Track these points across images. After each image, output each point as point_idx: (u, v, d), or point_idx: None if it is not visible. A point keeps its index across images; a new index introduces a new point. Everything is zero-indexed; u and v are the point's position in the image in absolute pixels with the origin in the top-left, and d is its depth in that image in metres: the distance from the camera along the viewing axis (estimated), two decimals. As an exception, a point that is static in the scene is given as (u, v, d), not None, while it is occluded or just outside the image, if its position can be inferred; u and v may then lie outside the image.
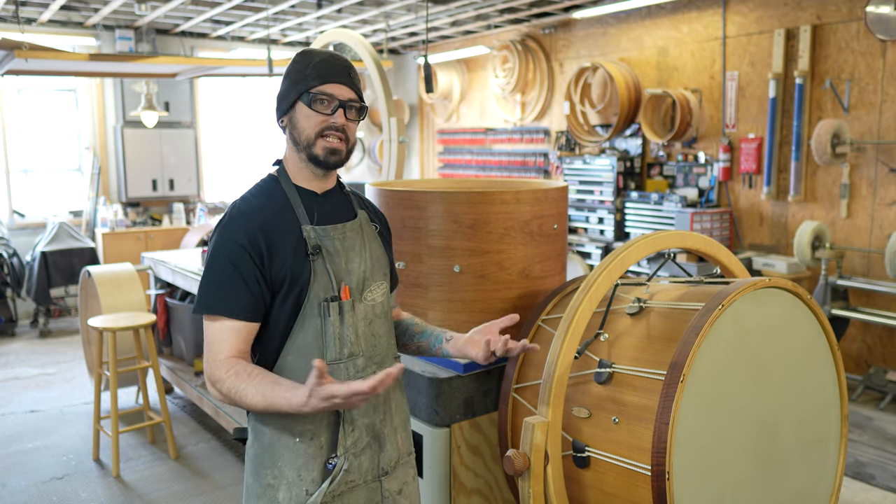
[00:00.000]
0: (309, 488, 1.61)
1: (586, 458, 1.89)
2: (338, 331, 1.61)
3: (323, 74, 1.61)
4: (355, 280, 1.66)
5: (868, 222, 4.93)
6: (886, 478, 3.60)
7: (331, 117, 1.62)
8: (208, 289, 1.58)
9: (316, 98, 1.60)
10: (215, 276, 1.57)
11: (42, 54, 5.12)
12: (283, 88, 1.66)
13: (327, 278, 1.61)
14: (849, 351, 5.11)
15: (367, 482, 1.67)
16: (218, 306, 1.56)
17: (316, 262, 1.60)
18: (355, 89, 1.66)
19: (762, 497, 1.92)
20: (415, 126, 9.22)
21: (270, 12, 6.43)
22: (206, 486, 3.65)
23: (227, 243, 1.57)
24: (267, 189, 1.67)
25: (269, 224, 1.59)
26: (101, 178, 7.50)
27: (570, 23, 7.00)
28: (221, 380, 1.53)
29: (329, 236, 1.64)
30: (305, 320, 1.60)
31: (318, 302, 1.59)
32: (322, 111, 1.61)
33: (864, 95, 4.88)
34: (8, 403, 4.84)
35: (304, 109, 1.62)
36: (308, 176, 1.68)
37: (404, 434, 1.80)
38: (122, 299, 4.40)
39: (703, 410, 1.76)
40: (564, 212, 2.58)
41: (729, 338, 1.82)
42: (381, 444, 1.70)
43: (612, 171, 6.21)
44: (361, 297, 1.67)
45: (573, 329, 1.89)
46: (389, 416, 1.74)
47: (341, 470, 1.61)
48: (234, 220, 1.60)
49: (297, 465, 1.61)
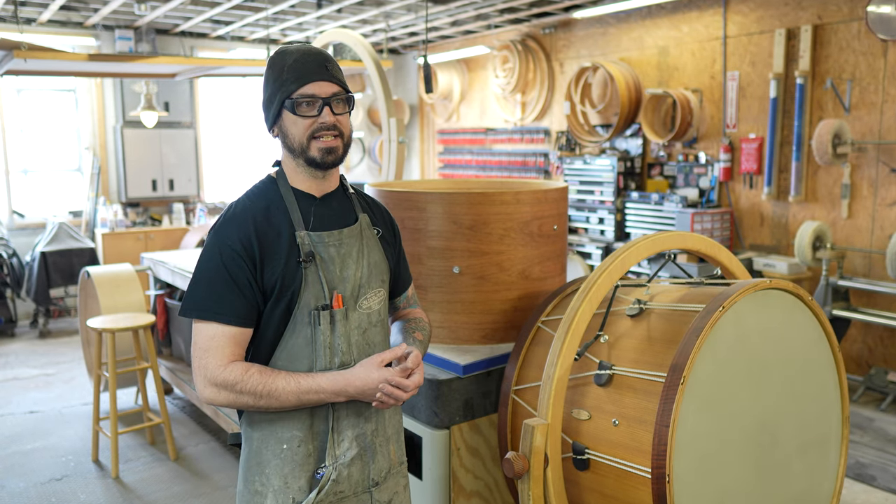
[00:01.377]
0: (296, 496, 1.58)
1: (586, 460, 1.88)
2: (328, 339, 1.58)
3: (300, 76, 1.55)
4: (350, 288, 1.62)
5: (869, 222, 4.92)
6: (888, 479, 3.59)
7: (318, 118, 1.57)
8: (200, 292, 1.54)
9: (298, 102, 1.55)
10: (208, 280, 1.54)
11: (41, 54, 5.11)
12: (266, 97, 1.61)
13: (319, 286, 1.57)
14: (850, 352, 5.10)
15: (356, 493, 1.64)
16: (211, 311, 1.53)
17: (308, 270, 1.56)
18: (337, 81, 1.59)
19: (763, 499, 1.91)
20: (415, 126, 9.21)
21: (270, 12, 6.42)
22: (205, 487, 3.64)
23: (220, 247, 1.54)
24: (264, 192, 1.64)
25: (264, 228, 1.57)
26: (100, 178, 7.49)
27: (570, 23, 6.99)
28: (234, 382, 1.50)
29: (324, 243, 1.60)
30: (296, 328, 1.57)
31: (308, 310, 1.57)
32: (308, 114, 1.56)
33: (865, 95, 4.87)
34: (7, 404, 4.83)
35: (290, 116, 1.57)
36: (306, 179, 1.64)
37: (397, 444, 1.77)
38: (121, 300, 4.39)
39: (703, 412, 1.75)
40: (564, 212, 2.57)
41: (730, 340, 1.81)
42: (373, 455, 1.67)
43: (612, 171, 6.20)
44: (356, 306, 1.63)
45: (573, 331, 1.88)
46: (382, 426, 1.70)
47: (329, 480, 1.59)
48: (228, 224, 1.57)
49: (284, 473, 1.58)
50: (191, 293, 1.56)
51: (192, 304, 1.55)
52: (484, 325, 2.42)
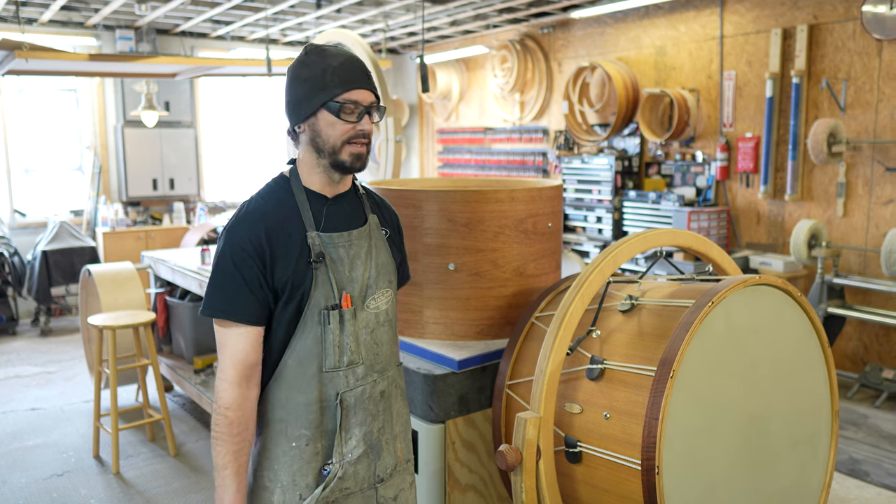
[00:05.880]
0: (303, 493, 1.62)
1: (578, 453, 1.91)
2: (337, 339, 1.61)
3: (346, 81, 1.57)
4: (358, 288, 1.65)
5: (864, 221, 4.95)
6: (881, 475, 3.62)
7: (357, 124, 1.59)
8: (214, 292, 1.58)
9: (343, 107, 1.57)
10: (220, 280, 1.57)
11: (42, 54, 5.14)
12: (300, 93, 1.59)
13: (329, 286, 1.60)
14: (845, 349, 5.13)
15: (362, 490, 1.68)
16: (223, 310, 1.56)
17: (318, 270, 1.59)
18: (375, 91, 1.63)
19: (752, 491, 1.95)
20: (414, 125, 9.24)
21: (270, 12, 6.46)
22: (204, 482, 3.68)
23: (232, 247, 1.56)
24: (276, 191, 1.65)
25: (275, 229, 1.58)
26: (101, 177, 7.53)
27: (568, 22, 7.02)
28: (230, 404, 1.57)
29: (334, 243, 1.63)
30: (306, 327, 1.60)
31: (318, 309, 1.59)
32: (349, 119, 1.58)
33: (861, 95, 4.90)
34: (9, 401, 4.87)
35: (329, 117, 1.58)
36: (323, 180, 1.66)
37: (404, 442, 1.79)
38: (122, 298, 4.43)
39: (693, 406, 1.78)
40: (559, 210, 2.60)
41: (719, 334, 1.85)
42: (378, 453, 1.70)
43: (610, 170, 6.23)
44: (364, 305, 1.66)
45: (565, 326, 1.91)
46: (389, 424, 1.73)
47: (335, 477, 1.62)
48: (240, 224, 1.58)
49: (293, 470, 1.62)
50: (207, 293, 1.60)
51: (207, 304, 1.59)
52: (479, 321, 2.45)
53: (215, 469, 1.59)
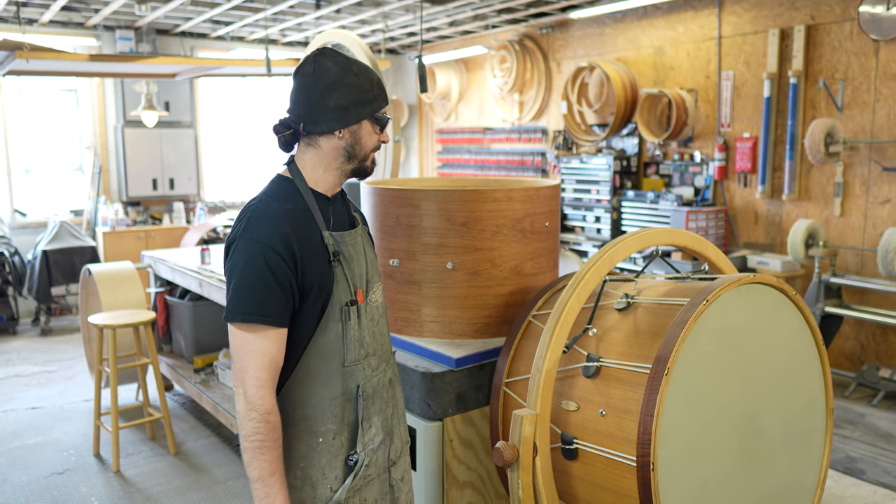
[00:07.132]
0: (333, 485, 1.65)
1: (574, 450, 1.93)
2: (356, 333, 1.67)
3: (385, 97, 1.70)
4: (363, 283, 1.72)
5: (861, 220, 4.97)
6: (877, 473, 3.64)
7: (382, 135, 1.72)
8: (243, 295, 1.54)
9: (384, 121, 1.70)
10: (251, 282, 1.53)
11: (43, 55, 5.16)
12: (348, 99, 1.62)
13: (346, 283, 1.66)
14: (842, 348, 5.15)
15: (379, 474, 1.74)
16: (256, 314, 1.52)
17: (336, 269, 1.64)
18: None
19: (747, 488, 1.97)
20: (414, 126, 9.26)
21: (269, 13, 6.47)
22: (205, 480, 3.70)
23: (262, 249, 1.54)
24: (286, 192, 1.65)
25: (299, 229, 1.59)
26: (101, 177, 7.55)
27: (567, 23, 7.04)
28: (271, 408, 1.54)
29: (345, 242, 1.68)
30: (328, 324, 1.63)
31: (339, 306, 1.64)
32: (382, 131, 1.72)
33: (858, 95, 4.92)
34: (10, 400, 4.89)
35: (370, 128, 1.68)
36: (334, 182, 1.71)
37: (405, 424, 1.90)
38: (122, 297, 4.44)
39: (688, 403, 1.80)
40: (556, 209, 2.62)
41: (714, 332, 1.87)
42: (391, 437, 1.78)
43: (608, 170, 6.25)
44: (367, 300, 1.73)
45: (561, 324, 1.93)
46: (396, 409, 1.83)
47: (363, 465, 1.67)
48: (263, 225, 1.56)
49: (322, 465, 1.64)
50: (234, 297, 1.55)
51: (238, 309, 1.54)
52: (476, 320, 2.47)
53: (259, 480, 1.53)
